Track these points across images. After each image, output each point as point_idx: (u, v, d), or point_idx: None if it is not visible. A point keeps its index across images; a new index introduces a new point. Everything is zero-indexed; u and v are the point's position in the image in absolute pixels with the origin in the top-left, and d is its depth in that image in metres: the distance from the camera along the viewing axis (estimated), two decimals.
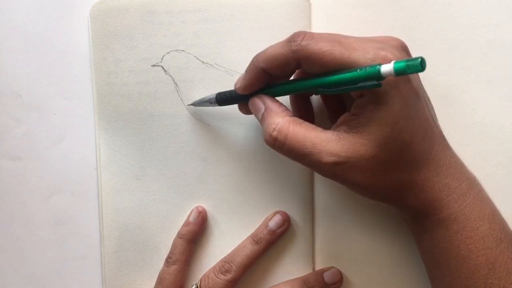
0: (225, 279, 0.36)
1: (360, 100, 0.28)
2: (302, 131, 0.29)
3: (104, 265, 0.39)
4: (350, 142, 0.28)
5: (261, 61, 0.30)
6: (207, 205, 0.39)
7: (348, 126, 0.29)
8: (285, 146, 0.30)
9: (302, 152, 0.29)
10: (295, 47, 0.28)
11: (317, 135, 0.29)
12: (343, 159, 0.28)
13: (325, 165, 0.28)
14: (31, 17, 0.39)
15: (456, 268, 0.29)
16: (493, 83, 0.36)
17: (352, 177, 0.29)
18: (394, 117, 0.27)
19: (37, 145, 0.40)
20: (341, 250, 0.38)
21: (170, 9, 0.38)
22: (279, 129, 0.30)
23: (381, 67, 0.25)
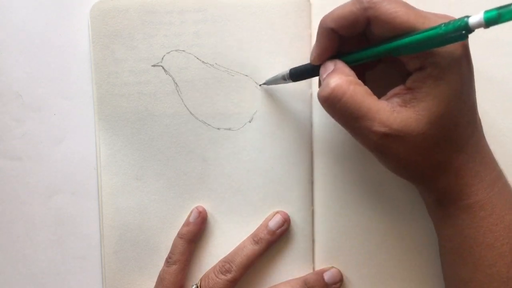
0: (225, 279, 0.36)
1: (419, 73, 0.27)
2: (361, 93, 0.28)
3: (104, 265, 0.39)
4: (403, 116, 0.27)
5: (329, 21, 0.29)
6: (207, 205, 0.39)
7: (402, 100, 0.28)
8: (341, 102, 0.28)
9: (355, 114, 0.28)
10: (367, 4, 0.27)
11: (374, 102, 0.28)
12: (394, 131, 0.27)
13: (374, 133, 0.28)
14: (31, 17, 0.39)
15: (480, 256, 0.29)
16: (493, 83, 0.36)
17: (396, 151, 0.28)
18: (450, 95, 0.27)
19: (37, 145, 0.40)
20: (341, 250, 0.38)
21: (170, 9, 0.38)
22: (339, 84, 0.28)
23: (469, 18, 0.24)
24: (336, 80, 0.28)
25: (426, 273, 0.37)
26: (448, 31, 0.25)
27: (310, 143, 0.38)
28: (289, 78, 0.34)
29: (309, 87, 0.37)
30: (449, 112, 0.27)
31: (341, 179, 0.37)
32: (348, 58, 0.30)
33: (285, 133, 0.38)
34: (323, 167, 0.38)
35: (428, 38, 0.26)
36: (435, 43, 0.26)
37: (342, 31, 0.29)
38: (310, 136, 0.38)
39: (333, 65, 0.30)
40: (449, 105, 0.27)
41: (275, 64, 0.37)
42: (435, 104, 0.27)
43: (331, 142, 0.37)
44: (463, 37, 0.25)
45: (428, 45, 0.26)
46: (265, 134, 0.38)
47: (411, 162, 0.29)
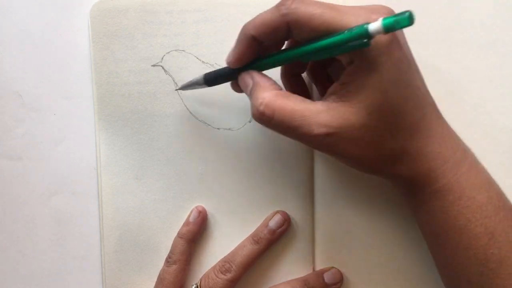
0: (225, 278, 0.36)
1: (350, 67, 0.27)
2: (290, 104, 0.28)
3: (104, 265, 0.39)
4: (340, 112, 0.27)
5: (251, 28, 0.29)
6: (207, 205, 0.39)
7: (337, 96, 0.28)
8: (273, 120, 0.28)
9: (291, 125, 0.28)
10: (284, 11, 0.28)
11: (306, 107, 0.28)
12: (334, 129, 0.27)
13: (316, 137, 0.28)
14: (31, 17, 0.39)
15: (455, 240, 0.29)
16: (494, 83, 0.36)
17: (344, 148, 0.28)
18: (385, 84, 0.27)
19: (37, 145, 0.40)
20: (341, 250, 0.38)
21: (170, 9, 0.38)
22: (266, 103, 0.28)
23: (369, 25, 0.24)
24: (263, 100, 0.28)
25: (426, 273, 0.37)
26: (351, 37, 0.25)
27: None
28: (204, 83, 0.34)
29: (309, 87, 0.37)
30: (389, 100, 0.27)
31: (341, 179, 0.37)
32: (263, 62, 0.31)
33: None
34: (323, 167, 0.38)
35: (332, 44, 0.26)
36: (341, 49, 0.26)
37: (264, 38, 0.29)
38: None
39: (250, 78, 0.30)
40: (387, 94, 0.27)
41: None
42: (370, 95, 0.27)
43: None
44: (365, 45, 0.25)
45: (332, 51, 0.27)
46: (265, 134, 0.38)
47: (365, 156, 0.28)
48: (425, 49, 0.36)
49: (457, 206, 0.29)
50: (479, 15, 0.36)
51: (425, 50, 0.36)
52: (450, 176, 0.29)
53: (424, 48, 0.36)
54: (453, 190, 0.29)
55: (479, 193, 0.29)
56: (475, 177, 0.29)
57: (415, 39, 0.36)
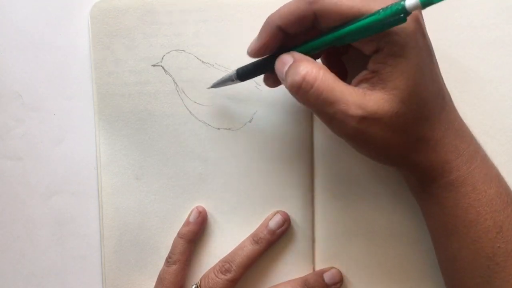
0: (225, 278, 0.35)
1: (377, 55, 0.27)
2: (332, 78, 0.28)
3: (104, 265, 0.39)
4: (376, 98, 0.27)
5: (277, 18, 0.29)
6: (207, 205, 0.39)
7: (369, 84, 0.28)
8: (313, 89, 0.27)
9: (330, 99, 0.27)
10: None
11: (346, 87, 0.28)
12: (370, 114, 0.27)
13: (351, 118, 0.27)
14: (31, 17, 0.39)
15: (464, 232, 0.29)
16: (493, 83, 0.36)
17: (373, 134, 0.28)
18: (414, 70, 0.27)
19: (37, 145, 0.40)
20: (341, 250, 0.38)
21: (170, 9, 0.38)
22: (310, 70, 0.28)
23: (406, 1, 0.24)
24: (305, 67, 0.28)
25: (426, 273, 0.37)
26: (387, 15, 0.25)
27: (310, 143, 0.38)
28: (237, 79, 0.34)
29: None
30: (417, 87, 0.27)
31: (341, 179, 0.37)
32: (301, 49, 0.30)
33: (285, 133, 0.38)
34: (323, 167, 0.38)
35: (368, 25, 0.26)
36: (376, 29, 0.26)
37: (289, 28, 0.29)
38: (310, 136, 0.38)
39: (291, 57, 0.29)
40: (415, 80, 0.27)
41: None
42: (402, 82, 0.27)
43: (331, 142, 0.37)
44: (402, 20, 0.25)
45: (369, 31, 0.26)
46: (265, 134, 0.38)
47: (390, 144, 0.28)
48: None
49: (468, 199, 0.29)
50: (479, 15, 0.36)
51: None
52: (464, 169, 0.29)
53: None
54: (465, 183, 0.29)
55: (490, 187, 0.29)
56: (486, 172, 0.29)
57: None
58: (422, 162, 0.29)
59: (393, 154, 0.30)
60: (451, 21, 0.36)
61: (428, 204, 0.31)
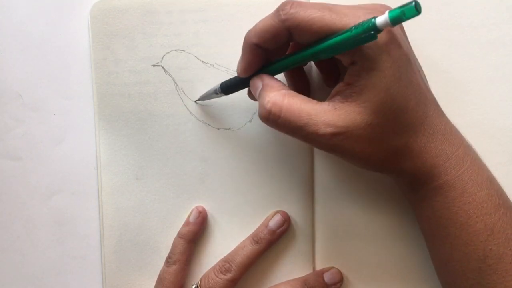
0: (225, 278, 0.36)
1: (352, 68, 0.28)
2: (297, 103, 0.29)
3: (104, 265, 0.39)
4: (346, 112, 0.28)
5: (252, 36, 0.30)
6: (207, 205, 0.39)
7: (342, 96, 0.28)
8: (280, 118, 0.29)
9: (298, 124, 0.28)
10: (284, 16, 0.28)
11: (313, 107, 0.28)
12: (341, 129, 0.28)
13: (323, 136, 0.28)
14: (31, 17, 0.39)
15: (455, 235, 0.29)
16: (493, 83, 0.36)
17: (350, 148, 0.28)
18: (387, 82, 0.27)
19: (37, 145, 0.40)
20: (341, 250, 0.38)
21: (170, 9, 0.38)
22: (274, 101, 0.29)
23: (376, 19, 0.24)
24: (270, 99, 0.29)
25: (426, 273, 0.37)
26: (358, 32, 0.25)
27: None
28: (221, 92, 0.35)
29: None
30: (392, 98, 0.28)
31: (341, 179, 0.37)
32: (273, 68, 0.31)
33: None
34: (323, 167, 0.38)
35: (341, 42, 0.26)
36: (348, 45, 0.26)
37: (266, 44, 0.30)
38: None
39: (260, 81, 0.31)
40: (389, 92, 0.27)
41: None
42: (374, 94, 0.27)
43: None
44: (373, 37, 0.25)
45: (342, 48, 0.27)
46: (265, 134, 0.38)
47: (369, 154, 0.29)
48: (425, 50, 0.36)
49: (458, 202, 0.29)
50: (479, 15, 0.36)
51: (425, 51, 0.36)
52: (452, 172, 0.29)
53: (424, 48, 0.36)
54: (455, 186, 0.29)
55: (480, 190, 0.29)
56: (477, 174, 0.29)
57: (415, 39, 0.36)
58: (409, 169, 0.30)
59: (376, 163, 0.30)
60: (451, 21, 0.36)
61: (420, 207, 0.32)
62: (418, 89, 0.29)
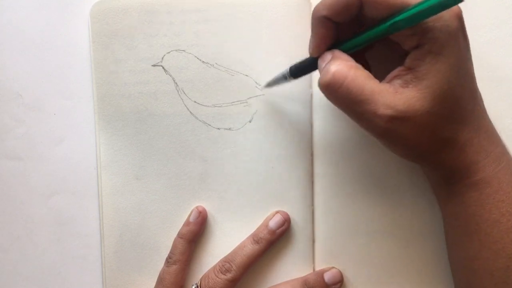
0: (225, 278, 0.35)
1: (416, 51, 0.27)
2: (362, 77, 0.28)
3: (104, 265, 0.39)
4: (407, 97, 0.27)
5: (322, 9, 0.29)
6: (207, 205, 0.39)
7: (403, 80, 0.28)
8: (342, 87, 0.27)
9: (359, 98, 0.27)
10: None
11: (377, 85, 0.28)
12: (400, 113, 0.27)
13: (380, 117, 0.27)
14: (31, 17, 0.39)
15: (486, 232, 0.29)
16: (494, 83, 0.36)
17: (403, 133, 0.28)
18: (450, 70, 0.27)
19: (37, 145, 0.40)
20: (341, 250, 0.38)
21: (170, 9, 0.38)
22: (340, 69, 0.28)
23: None
24: (336, 66, 0.28)
25: (427, 273, 0.37)
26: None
27: (310, 143, 0.38)
28: (290, 76, 0.34)
29: (309, 87, 0.37)
30: (451, 87, 0.27)
31: (341, 179, 0.37)
32: (346, 45, 0.30)
33: (285, 133, 0.38)
34: (323, 167, 0.38)
35: (425, 8, 0.25)
36: (432, 12, 0.26)
37: (336, 17, 0.29)
38: (310, 136, 0.38)
39: (330, 54, 0.30)
40: (450, 80, 0.27)
41: (275, 64, 0.37)
42: (436, 81, 0.27)
43: (331, 142, 0.37)
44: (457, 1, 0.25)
45: (425, 15, 0.26)
46: (265, 134, 0.38)
47: (419, 142, 0.28)
48: None
49: (493, 199, 0.29)
50: (479, 15, 0.36)
51: None
52: (490, 170, 0.29)
53: None
54: (491, 183, 0.29)
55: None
56: (511, 173, 0.30)
57: None
58: (450, 161, 0.30)
59: (422, 152, 0.29)
60: None
61: (450, 202, 0.31)
62: (472, 82, 0.29)
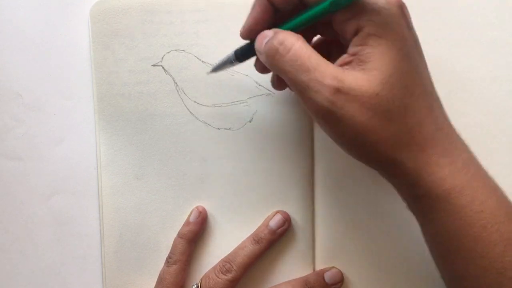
0: (225, 278, 0.35)
1: (357, 37, 0.26)
2: (310, 48, 0.26)
3: (104, 265, 0.39)
4: (354, 75, 0.26)
5: None
6: (207, 205, 0.39)
7: (350, 66, 0.26)
8: (290, 53, 0.26)
9: (306, 65, 0.26)
10: None
11: (324, 60, 0.26)
12: (347, 88, 0.25)
13: (326, 87, 0.25)
14: (31, 17, 0.39)
15: (469, 249, 0.26)
16: (495, 83, 0.36)
17: (351, 112, 0.25)
18: (395, 54, 0.25)
19: (37, 145, 0.40)
20: (341, 250, 0.38)
21: (170, 9, 0.38)
22: (288, 37, 0.27)
23: None
24: (284, 34, 0.27)
25: (427, 273, 0.37)
26: None
27: (310, 142, 0.38)
28: (236, 60, 0.32)
29: None
30: (398, 72, 0.26)
31: (342, 179, 0.37)
32: (287, 25, 0.29)
33: (285, 133, 0.38)
34: (324, 167, 0.38)
35: None
36: None
37: (278, 2, 0.28)
38: (311, 135, 0.38)
39: (272, 31, 0.28)
40: (396, 65, 0.26)
41: None
42: (382, 63, 0.25)
43: (331, 142, 0.37)
44: None
45: None
46: (265, 134, 0.38)
47: (370, 129, 0.26)
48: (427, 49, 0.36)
49: (470, 211, 0.26)
50: (482, 14, 0.36)
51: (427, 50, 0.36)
52: (459, 177, 0.26)
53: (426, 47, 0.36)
54: (464, 193, 0.26)
55: (489, 197, 0.27)
56: (485, 181, 0.27)
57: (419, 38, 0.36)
58: (411, 163, 0.26)
59: (374, 145, 0.26)
60: (451, 21, 0.36)
61: (425, 219, 0.29)
62: (426, 77, 0.27)
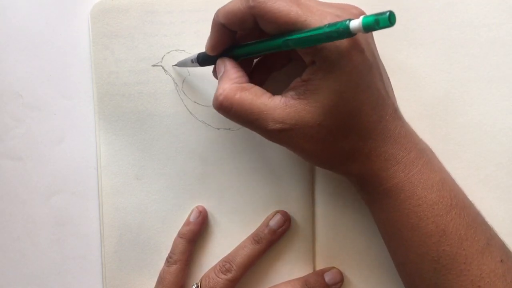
0: (225, 278, 0.35)
1: (312, 67, 0.28)
2: (249, 98, 0.29)
3: (104, 265, 0.39)
4: (296, 109, 0.28)
5: (220, 16, 0.30)
6: (207, 205, 0.39)
7: (296, 92, 0.29)
8: (232, 111, 0.30)
9: (248, 119, 0.30)
10: (252, 3, 0.28)
11: (264, 102, 0.29)
12: (289, 126, 0.29)
13: (271, 131, 0.29)
14: (31, 17, 0.39)
15: (408, 238, 0.30)
16: (494, 83, 0.36)
17: (298, 144, 0.29)
18: (342, 87, 0.28)
19: (37, 145, 0.40)
20: (341, 250, 0.38)
21: (170, 9, 0.38)
22: (226, 94, 0.30)
23: (350, 22, 0.24)
24: (223, 91, 0.30)
25: None
26: (330, 31, 0.25)
27: None
28: (196, 62, 0.35)
29: None
30: (345, 102, 0.28)
31: (342, 179, 0.37)
32: (240, 51, 0.31)
33: None
34: None
35: (309, 38, 0.26)
36: (316, 41, 0.26)
37: (233, 27, 0.30)
38: None
39: (223, 67, 0.31)
40: (343, 95, 0.28)
41: None
42: (326, 96, 0.28)
43: None
44: (342, 36, 0.25)
45: (308, 43, 0.27)
46: None
47: (317, 152, 0.30)
48: (425, 49, 0.36)
49: (409, 204, 0.29)
50: (479, 15, 0.36)
51: (426, 51, 0.36)
52: (401, 175, 0.30)
53: (423, 48, 0.36)
54: (404, 189, 0.29)
55: (431, 192, 0.29)
56: (428, 177, 0.30)
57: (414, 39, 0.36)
58: (357, 171, 0.30)
59: (324, 162, 0.31)
60: (451, 21, 0.36)
61: (373, 209, 0.32)
62: (377, 93, 0.29)
